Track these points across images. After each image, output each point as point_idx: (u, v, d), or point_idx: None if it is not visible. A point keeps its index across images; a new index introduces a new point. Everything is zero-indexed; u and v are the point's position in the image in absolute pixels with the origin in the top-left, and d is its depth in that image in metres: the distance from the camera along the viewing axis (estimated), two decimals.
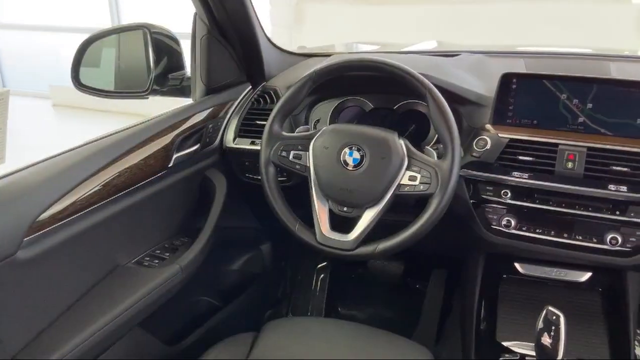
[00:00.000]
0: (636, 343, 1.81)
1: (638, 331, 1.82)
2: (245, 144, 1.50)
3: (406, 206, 1.35)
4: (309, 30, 5.43)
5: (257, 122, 1.50)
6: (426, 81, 1.17)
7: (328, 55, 1.63)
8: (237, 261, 1.80)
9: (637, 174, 1.17)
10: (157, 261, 1.28)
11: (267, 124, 1.27)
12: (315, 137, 1.24)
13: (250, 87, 1.61)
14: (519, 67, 1.48)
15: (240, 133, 1.53)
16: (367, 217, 1.17)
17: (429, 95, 1.16)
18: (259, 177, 1.28)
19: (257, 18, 1.48)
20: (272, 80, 1.60)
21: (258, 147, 1.31)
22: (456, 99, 1.33)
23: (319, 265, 2.03)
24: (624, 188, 1.18)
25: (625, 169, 1.18)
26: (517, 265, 1.40)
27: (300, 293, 2.01)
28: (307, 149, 1.24)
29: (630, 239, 1.21)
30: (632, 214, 1.19)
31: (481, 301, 1.39)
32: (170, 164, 1.32)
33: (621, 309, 1.30)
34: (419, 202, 1.20)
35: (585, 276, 1.36)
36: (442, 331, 1.80)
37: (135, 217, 1.24)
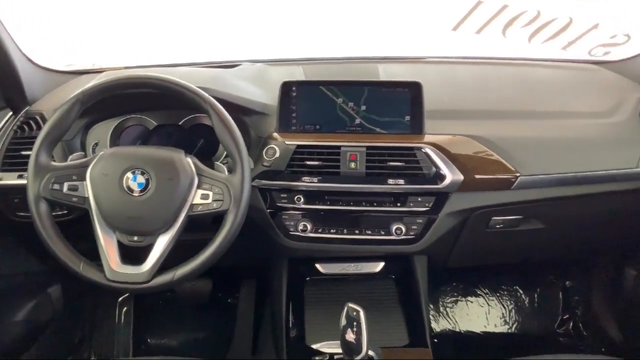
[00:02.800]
0: (431, 318, 2.00)
1: (431, 306, 2.03)
2: (11, 179, 1.31)
3: (204, 224, 1.30)
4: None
5: (23, 152, 1.32)
6: (206, 95, 1.13)
7: (100, 72, 1.51)
8: (20, 311, 1.57)
9: (411, 167, 1.28)
10: None
11: (32, 154, 1.12)
12: (92, 163, 1.12)
13: (11, 113, 1.41)
14: (298, 74, 1.52)
15: (4, 167, 1.33)
16: (161, 244, 1.10)
17: (210, 109, 1.13)
18: None
19: (8, 33, 1.30)
20: (36, 104, 1.43)
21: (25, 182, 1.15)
22: (241, 110, 1.32)
23: (121, 298, 1.88)
24: (401, 181, 1.27)
25: (400, 164, 1.28)
26: (318, 265, 1.44)
27: (103, 332, 1.84)
28: (84, 178, 1.12)
29: (412, 227, 1.32)
30: (411, 204, 1.30)
31: (289, 306, 1.40)
32: None
33: (413, 293, 1.41)
34: (218, 218, 1.16)
35: (379, 266, 1.45)
36: (257, 342, 1.78)
37: None
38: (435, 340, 1.94)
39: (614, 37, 1.75)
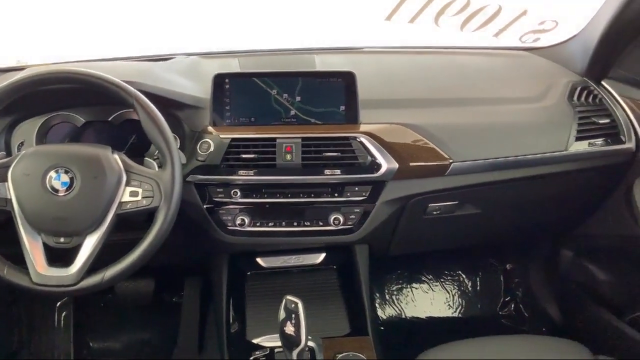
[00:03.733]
0: (377, 306, 2.03)
1: (377, 295, 2.05)
2: None
3: (137, 222, 1.27)
4: None
5: None
6: (130, 88, 1.09)
7: (23, 69, 1.44)
8: None
9: (347, 157, 1.27)
10: None
11: None
12: (14, 163, 1.07)
13: None
14: (234, 66, 1.49)
15: None
16: (89, 245, 1.06)
17: (136, 103, 1.09)
18: None
19: None
20: None
21: None
22: (172, 104, 1.29)
23: (59, 303, 1.82)
24: (338, 171, 1.27)
25: (336, 154, 1.27)
26: (259, 260, 1.43)
27: (41, 338, 1.77)
28: (5, 179, 1.07)
29: (351, 217, 1.32)
30: (348, 194, 1.30)
31: (229, 302, 1.38)
32: None
33: (355, 281, 1.42)
34: (151, 215, 1.13)
35: (321, 257, 1.45)
36: (203, 341, 1.76)
37: None
38: (382, 328, 1.97)
39: (543, 23, 1.80)
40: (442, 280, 2.11)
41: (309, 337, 1.14)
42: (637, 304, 1.59)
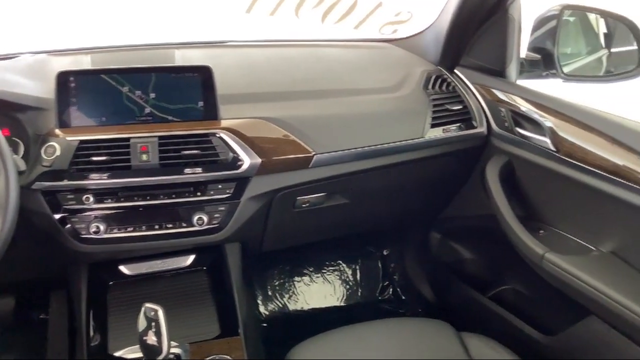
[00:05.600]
0: (260, 303, 2.00)
1: (259, 291, 2.02)
2: None
3: None
4: None
5: None
6: None
7: None
8: None
9: (207, 154, 1.23)
10: None
11: None
12: None
13: None
14: (85, 63, 1.39)
15: None
16: None
17: None
18: None
19: None
20: None
21: None
22: (10, 106, 1.18)
23: None
24: (199, 169, 1.23)
25: (196, 152, 1.23)
26: (122, 268, 1.35)
27: None
28: None
29: (216, 215, 1.28)
30: (211, 193, 1.26)
31: (89, 315, 1.29)
32: None
33: (225, 282, 1.38)
34: None
35: (189, 259, 1.40)
36: (74, 355, 1.64)
37: None
38: (265, 325, 1.95)
39: (399, 14, 1.86)
40: (323, 271, 2.13)
41: (175, 344, 1.10)
42: (499, 280, 1.70)
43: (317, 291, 2.09)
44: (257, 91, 1.39)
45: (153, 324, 1.00)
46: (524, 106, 1.38)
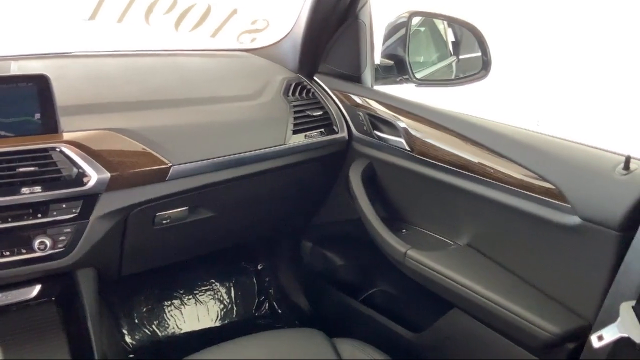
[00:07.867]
0: (125, 332, 1.86)
1: (124, 320, 1.87)
2: None
3: None
4: None
5: None
6: None
7: None
8: None
9: (47, 171, 1.11)
10: None
11: None
12: None
13: None
14: None
15: None
16: None
17: None
18: None
19: None
20: None
21: None
22: None
23: None
24: (38, 188, 1.10)
25: (33, 169, 1.10)
26: None
27: None
28: None
29: (61, 238, 1.16)
30: (54, 213, 1.14)
31: None
32: None
33: (79, 312, 1.25)
34: None
35: (35, 290, 1.25)
36: None
37: None
38: (132, 356, 1.81)
39: (255, 22, 1.85)
40: (195, 292, 2.03)
41: None
42: (369, 283, 1.73)
43: (189, 314, 1.98)
44: (105, 101, 1.29)
45: None
46: (380, 110, 1.42)
